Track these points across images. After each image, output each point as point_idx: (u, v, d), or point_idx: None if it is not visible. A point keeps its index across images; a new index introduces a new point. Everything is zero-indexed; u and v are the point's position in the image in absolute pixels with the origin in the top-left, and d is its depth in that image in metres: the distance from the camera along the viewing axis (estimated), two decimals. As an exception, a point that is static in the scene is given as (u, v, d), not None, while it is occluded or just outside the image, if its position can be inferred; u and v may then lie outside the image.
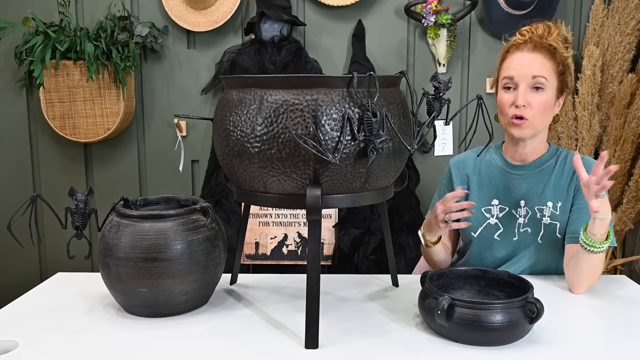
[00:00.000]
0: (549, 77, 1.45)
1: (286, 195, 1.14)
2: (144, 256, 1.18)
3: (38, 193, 1.27)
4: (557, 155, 1.54)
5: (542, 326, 1.18)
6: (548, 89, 1.45)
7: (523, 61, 1.46)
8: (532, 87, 1.45)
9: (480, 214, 1.56)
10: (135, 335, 1.16)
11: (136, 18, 2.61)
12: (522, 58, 1.46)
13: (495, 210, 1.54)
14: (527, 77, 1.44)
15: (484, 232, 1.55)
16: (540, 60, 1.45)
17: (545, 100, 1.45)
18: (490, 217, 1.55)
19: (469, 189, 1.59)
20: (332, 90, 1.08)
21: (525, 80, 1.44)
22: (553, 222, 1.50)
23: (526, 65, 1.45)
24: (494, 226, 1.54)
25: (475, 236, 1.56)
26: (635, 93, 2.47)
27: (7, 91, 2.70)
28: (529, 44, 1.47)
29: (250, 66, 2.51)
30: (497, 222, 1.54)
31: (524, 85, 1.44)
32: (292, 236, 2.55)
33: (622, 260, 2.62)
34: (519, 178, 1.53)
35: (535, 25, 1.51)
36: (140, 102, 2.70)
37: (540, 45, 1.47)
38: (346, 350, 1.10)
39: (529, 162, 1.53)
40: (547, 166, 1.53)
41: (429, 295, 1.15)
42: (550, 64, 1.46)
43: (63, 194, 2.73)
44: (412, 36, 2.63)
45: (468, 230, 1.57)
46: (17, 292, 1.52)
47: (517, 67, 1.46)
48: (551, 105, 1.47)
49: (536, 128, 1.47)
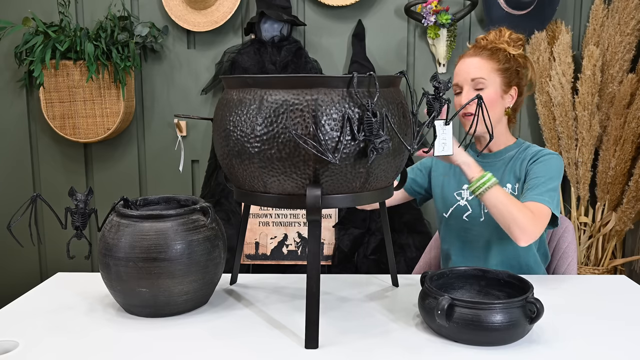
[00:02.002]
0: (488, 76, 1.60)
1: (286, 195, 1.14)
2: (144, 256, 1.18)
3: (38, 193, 1.27)
4: (519, 147, 1.68)
5: (542, 326, 1.19)
6: (490, 86, 1.60)
7: (463, 67, 1.63)
8: (474, 88, 1.61)
9: (453, 197, 1.71)
10: (135, 336, 1.16)
11: (136, 18, 2.61)
12: (462, 65, 1.64)
13: (465, 193, 1.69)
14: (467, 80, 1.61)
15: (455, 212, 1.70)
16: (478, 62, 1.61)
17: (487, 96, 1.59)
18: (461, 200, 1.69)
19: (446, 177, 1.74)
20: (332, 90, 1.08)
21: (467, 82, 1.61)
22: None
23: (465, 70, 1.62)
24: (463, 207, 1.68)
25: (446, 216, 1.71)
26: (635, 93, 2.47)
27: (7, 91, 2.70)
28: (470, 50, 1.65)
29: (250, 66, 2.51)
30: (467, 204, 1.68)
31: (467, 87, 1.61)
32: (292, 236, 2.55)
33: (622, 260, 2.62)
34: (484, 165, 1.67)
35: (490, 31, 1.68)
36: (140, 102, 2.70)
37: (482, 49, 1.63)
38: (346, 350, 1.10)
39: (494, 152, 1.69)
40: (508, 155, 1.67)
41: (429, 295, 1.15)
42: (489, 63, 1.61)
43: (63, 194, 2.73)
44: (412, 36, 2.63)
45: (441, 211, 1.74)
46: (17, 292, 1.52)
47: (459, 73, 1.64)
48: (495, 99, 1.61)
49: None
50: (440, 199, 1.73)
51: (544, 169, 1.57)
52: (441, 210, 1.74)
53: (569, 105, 2.50)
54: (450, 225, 1.71)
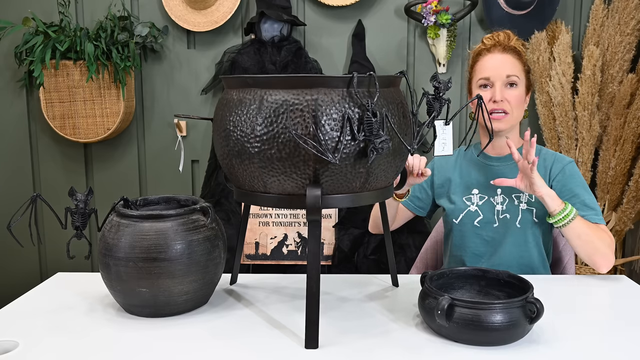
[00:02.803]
0: (520, 75, 1.61)
1: (286, 195, 1.14)
2: (144, 256, 1.18)
3: (38, 193, 1.27)
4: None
5: (542, 326, 1.19)
6: (520, 85, 1.61)
7: (496, 62, 1.61)
8: (507, 85, 1.60)
9: (462, 202, 1.67)
10: (135, 336, 1.16)
11: (136, 18, 2.61)
12: (494, 59, 1.61)
13: (475, 198, 1.66)
14: (502, 76, 1.59)
15: (465, 218, 1.66)
16: (511, 60, 1.61)
17: (519, 95, 1.61)
18: (471, 205, 1.66)
19: (451, 184, 1.71)
20: (332, 90, 1.08)
21: (500, 78, 1.59)
22: (530, 208, 1.62)
23: (500, 66, 1.60)
24: (474, 213, 1.65)
25: (456, 223, 1.67)
26: (635, 93, 2.47)
27: (7, 91, 2.70)
28: (498, 47, 1.63)
29: (250, 66, 2.51)
30: (477, 209, 1.65)
31: (500, 83, 1.59)
32: (292, 236, 2.55)
33: (622, 260, 2.62)
34: (496, 169, 1.66)
35: (496, 33, 1.66)
36: (140, 102, 2.70)
37: (508, 48, 1.62)
38: (346, 350, 1.10)
39: (505, 155, 1.66)
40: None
41: (429, 295, 1.15)
42: (519, 63, 1.62)
43: (63, 194, 2.73)
44: (412, 36, 2.63)
45: (450, 217, 1.69)
46: (17, 292, 1.52)
47: (492, 67, 1.60)
48: (523, 99, 1.63)
49: (514, 120, 1.62)
50: (448, 206, 1.70)
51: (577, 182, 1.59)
52: (450, 216, 1.69)
53: (569, 105, 2.50)
54: (461, 232, 1.68)
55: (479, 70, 1.63)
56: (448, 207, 1.70)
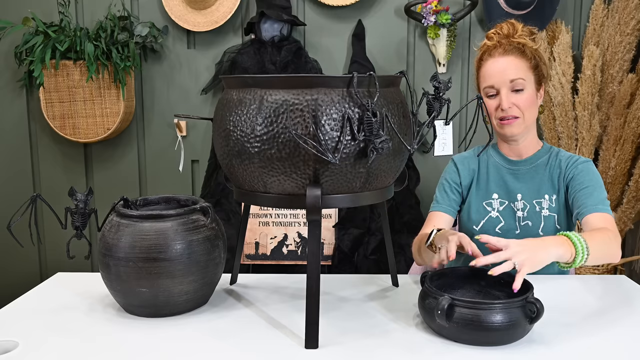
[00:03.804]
0: (526, 76, 1.51)
1: (286, 195, 1.14)
2: (144, 256, 1.18)
3: (38, 193, 1.27)
4: (549, 153, 1.61)
5: (542, 326, 1.18)
6: (527, 87, 1.52)
7: (498, 68, 1.51)
8: (512, 90, 1.51)
9: (482, 208, 1.61)
10: (135, 336, 1.16)
11: (136, 18, 2.61)
12: (496, 65, 1.52)
13: (496, 204, 1.60)
14: (506, 82, 1.50)
15: (486, 225, 1.59)
16: (514, 62, 1.51)
17: (528, 98, 1.52)
18: (492, 210, 1.60)
19: (472, 183, 1.64)
20: (332, 90, 1.08)
21: (505, 85, 1.51)
22: (551, 214, 1.56)
23: (502, 72, 1.51)
24: (495, 219, 1.59)
25: (477, 230, 1.60)
26: (635, 93, 2.47)
27: (7, 91, 2.70)
28: (499, 49, 1.53)
29: (250, 66, 2.51)
30: (499, 215, 1.59)
31: (505, 89, 1.51)
32: (292, 236, 2.55)
33: (622, 260, 2.62)
34: (516, 173, 1.60)
35: (500, 25, 1.57)
36: (140, 102, 2.70)
37: (510, 46, 1.52)
38: (346, 350, 1.10)
39: (525, 158, 1.60)
40: (541, 162, 1.59)
41: (429, 295, 1.15)
42: (523, 62, 1.51)
43: (63, 194, 2.73)
44: (412, 36, 2.63)
45: (470, 224, 1.62)
46: (17, 292, 1.52)
47: (494, 74, 1.52)
48: (534, 100, 1.54)
49: (527, 121, 1.55)
50: (468, 210, 1.62)
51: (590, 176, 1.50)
52: (469, 222, 1.61)
53: (569, 105, 2.50)
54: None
55: (482, 78, 1.57)
56: (466, 211, 1.62)
